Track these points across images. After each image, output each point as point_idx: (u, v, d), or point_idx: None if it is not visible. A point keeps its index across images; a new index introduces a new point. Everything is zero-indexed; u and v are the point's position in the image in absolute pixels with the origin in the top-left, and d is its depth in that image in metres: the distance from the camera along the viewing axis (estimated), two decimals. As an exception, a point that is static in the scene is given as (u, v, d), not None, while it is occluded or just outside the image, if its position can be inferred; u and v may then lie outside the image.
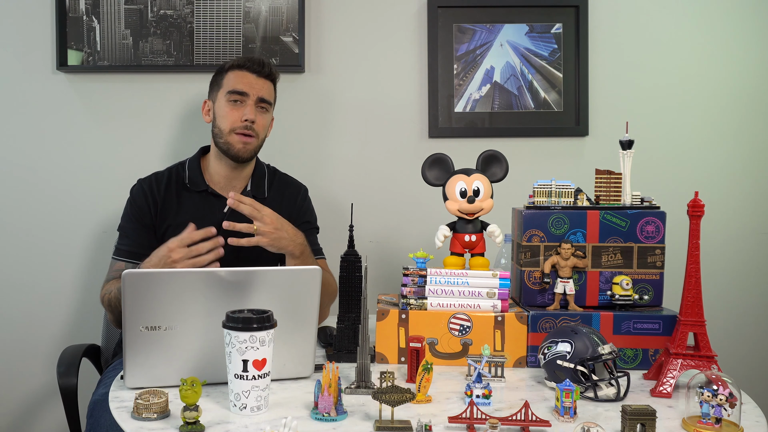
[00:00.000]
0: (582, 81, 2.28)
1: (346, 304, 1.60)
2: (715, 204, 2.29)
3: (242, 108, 1.84)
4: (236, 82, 1.85)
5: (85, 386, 1.91)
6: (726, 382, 1.21)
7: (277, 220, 1.69)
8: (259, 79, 1.86)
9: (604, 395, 1.36)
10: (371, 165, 2.32)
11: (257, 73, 1.86)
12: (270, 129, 1.96)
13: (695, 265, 1.44)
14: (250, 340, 1.23)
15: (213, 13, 2.25)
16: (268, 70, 1.88)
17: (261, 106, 1.87)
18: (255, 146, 1.87)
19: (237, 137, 1.83)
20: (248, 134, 1.84)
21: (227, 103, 1.85)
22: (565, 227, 1.62)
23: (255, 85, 1.85)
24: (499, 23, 2.29)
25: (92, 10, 2.24)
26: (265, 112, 1.89)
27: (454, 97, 2.30)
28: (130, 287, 1.32)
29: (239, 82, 1.85)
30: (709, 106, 2.32)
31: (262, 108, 1.87)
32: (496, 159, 1.64)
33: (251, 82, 1.85)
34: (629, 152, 1.65)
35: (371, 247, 2.29)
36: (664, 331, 1.56)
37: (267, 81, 1.88)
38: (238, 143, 1.84)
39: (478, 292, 1.59)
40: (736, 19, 2.31)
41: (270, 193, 1.95)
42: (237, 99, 1.84)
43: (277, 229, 1.67)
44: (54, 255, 2.29)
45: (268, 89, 1.89)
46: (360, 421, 1.24)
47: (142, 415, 1.23)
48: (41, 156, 2.28)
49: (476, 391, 1.32)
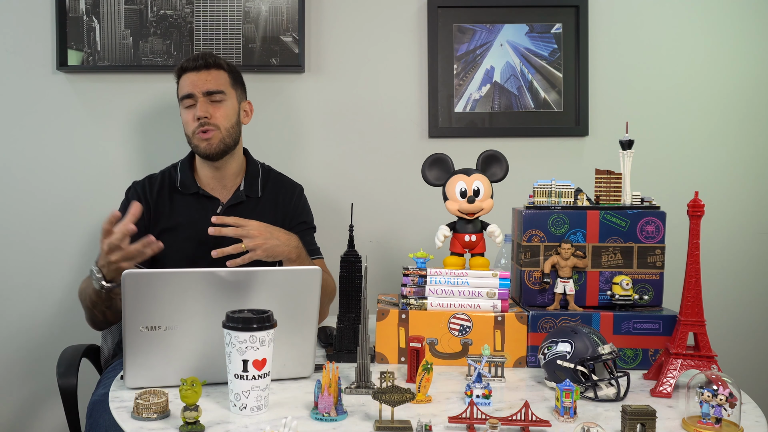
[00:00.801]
0: (582, 81, 2.28)
1: (346, 304, 1.60)
2: (715, 204, 2.29)
3: (194, 110, 1.85)
4: (182, 86, 1.87)
5: (85, 386, 1.91)
6: (726, 382, 1.21)
7: (266, 230, 1.68)
8: (201, 73, 1.85)
9: (604, 395, 1.36)
10: (371, 165, 2.31)
11: (196, 69, 1.85)
12: (248, 116, 1.96)
13: (695, 265, 1.44)
14: (250, 340, 1.23)
15: (213, 13, 2.25)
16: (204, 61, 1.85)
17: (213, 99, 1.85)
18: (220, 139, 1.85)
19: (197, 137, 1.84)
20: (205, 130, 1.83)
21: (184, 110, 1.87)
22: (565, 227, 1.62)
23: (197, 82, 1.84)
24: (499, 23, 2.29)
25: (92, 10, 2.24)
26: (221, 102, 1.86)
27: (454, 97, 2.30)
28: (130, 287, 1.32)
29: (184, 86, 1.86)
30: (709, 105, 2.32)
31: (214, 100, 1.85)
32: (496, 159, 1.64)
33: (194, 81, 1.84)
34: (629, 152, 1.65)
35: (371, 247, 2.29)
36: (664, 331, 1.56)
37: (211, 71, 1.86)
38: (200, 142, 1.84)
39: (478, 292, 1.59)
40: (736, 18, 2.31)
41: (264, 193, 1.95)
42: (189, 103, 1.85)
43: (267, 239, 1.66)
44: (54, 255, 2.29)
45: (214, 80, 1.85)
46: (360, 421, 1.24)
47: (142, 415, 1.23)
48: (41, 156, 2.28)
49: (476, 391, 1.32)
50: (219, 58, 1.89)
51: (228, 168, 1.91)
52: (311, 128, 2.31)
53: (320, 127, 2.31)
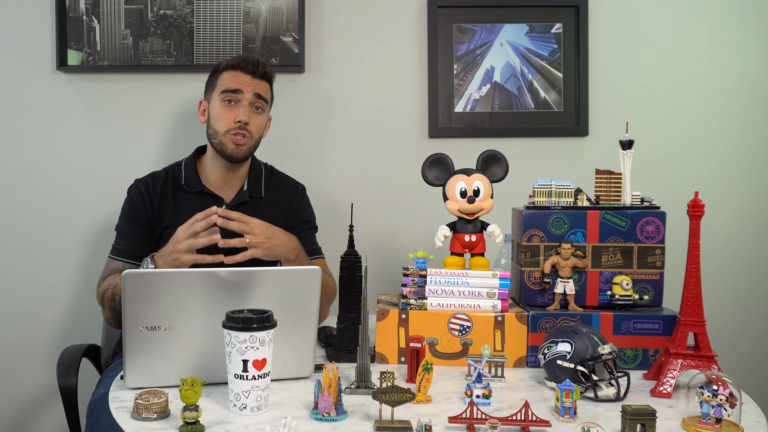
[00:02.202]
0: (582, 81, 2.28)
1: (346, 304, 1.60)
2: (715, 204, 2.29)
3: (236, 109, 1.83)
4: (230, 81, 1.84)
5: (85, 386, 1.91)
6: (726, 382, 1.21)
7: (268, 229, 1.69)
8: (255, 80, 1.85)
9: (604, 395, 1.36)
10: (371, 165, 2.32)
11: (252, 73, 1.84)
12: (267, 129, 1.96)
13: (695, 265, 1.44)
14: (250, 340, 1.23)
15: (213, 13, 2.25)
16: (263, 70, 1.86)
17: (256, 106, 1.85)
18: (249, 147, 1.85)
19: (230, 138, 1.82)
20: (243, 135, 1.83)
21: (221, 104, 1.84)
22: (565, 227, 1.62)
23: (250, 85, 1.84)
24: (499, 23, 2.29)
25: (92, 10, 2.24)
26: (261, 113, 1.87)
27: (454, 97, 2.30)
28: (130, 287, 1.32)
29: (233, 82, 1.83)
30: (709, 105, 2.32)
31: (257, 108, 1.86)
32: (496, 159, 1.64)
33: (246, 82, 1.84)
34: (629, 152, 1.65)
35: (371, 247, 2.29)
36: (664, 331, 1.56)
37: (262, 81, 1.87)
38: (231, 144, 1.83)
39: (478, 292, 1.59)
40: (736, 18, 2.31)
41: (267, 193, 1.95)
42: (231, 99, 1.83)
43: (269, 238, 1.67)
44: (54, 254, 2.29)
45: (263, 89, 1.87)
46: (360, 421, 1.24)
47: (142, 415, 1.23)
48: (41, 156, 2.28)
49: (476, 391, 1.32)
50: (271, 69, 1.89)
51: (239, 170, 1.92)
52: (311, 128, 2.31)
53: (320, 127, 2.31)
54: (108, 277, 1.80)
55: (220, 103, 1.84)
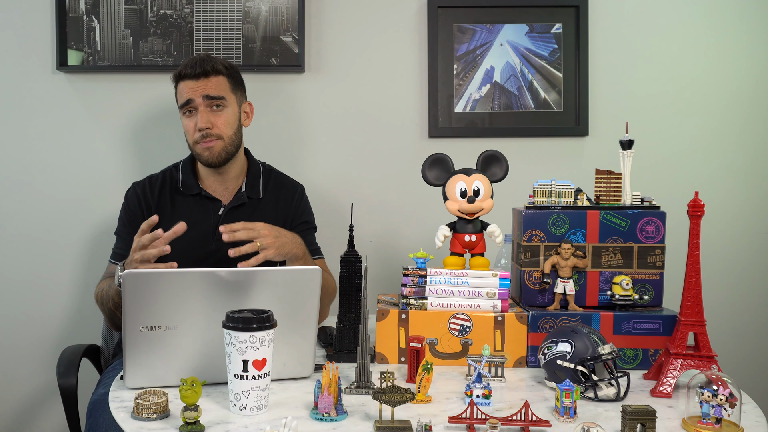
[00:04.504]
0: (582, 81, 2.28)
1: (346, 304, 1.60)
2: (715, 204, 2.29)
3: (195, 117, 1.82)
4: (181, 93, 1.83)
5: (85, 386, 1.91)
6: (726, 382, 1.21)
7: (273, 229, 1.69)
8: (200, 81, 1.81)
9: (604, 395, 1.36)
10: (371, 165, 2.31)
11: (195, 77, 1.80)
12: (249, 119, 1.94)
13: (695, 265, 1.44)
14: (250, 340, 1.23)
15: (213, 13, 2.25)
16: (208, 67, 1.81)
17: (214, 105, 1.82)
18: (223, 147, 1.83)
19: (200, 147, 1.83)
20: (208, 140, 1.82)
21: (183, 117, 1.85)
22: (565, 227, 1.62)
23: (197, 89, 1.80)
24: (499, 23, 2.29)
25: (92, 10, 2.24)
26: (222, 109, 1.83)
27: (454, 97, 2.30)
28: (130, 287, 1.32)
29: (183, 93, 1.83)
30: (710, 106, 2.32)
31: (216, 107, 1.82)
32: (496, 159, 1.64)
33: (192, 88, 1.81)
34: (629, 152, 1.65)
35: (371, 247, 2.29)
36: (664, 331, 1.56)
37: (211, 78, 1.82)
38: (203, 152, 1.83)
39: (478, 292, 1.59)
40: (736, 18, 2.30)
41: (265, 194, 1.95)
42: (187, 110, 1.83)
43: (277, 237, 1.67)
44: (54, 255, 2.29)
45: (214, 86, 1.82)
46: (360, 421, 1.24)
47: (142, 415, 1.23)
48: (41, 156, 2.28)
49: (476, 391, 1.32)
50: (217, 62, 1.84)
51: (230, 171, 1.91)
52: (311, 128, 2.31)
53: (320, 127, 2.31)
54: (103, 281, 1.81)
55: (183, 117, 1.86)
